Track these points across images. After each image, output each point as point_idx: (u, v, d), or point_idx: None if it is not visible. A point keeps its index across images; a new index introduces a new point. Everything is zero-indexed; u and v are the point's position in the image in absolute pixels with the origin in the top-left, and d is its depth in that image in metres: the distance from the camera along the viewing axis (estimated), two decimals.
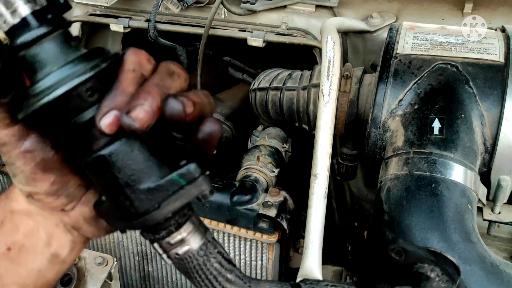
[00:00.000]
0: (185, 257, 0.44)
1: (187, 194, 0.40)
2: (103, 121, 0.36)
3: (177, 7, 1.33)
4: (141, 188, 0.39)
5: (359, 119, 1.06)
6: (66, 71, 0.37)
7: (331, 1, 1.25)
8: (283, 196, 1.00)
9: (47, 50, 0.38)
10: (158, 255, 0.45)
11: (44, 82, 0.37)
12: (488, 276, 0.70)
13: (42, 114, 0.37)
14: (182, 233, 0.43)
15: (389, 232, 0.77)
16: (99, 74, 0.37)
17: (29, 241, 0.47)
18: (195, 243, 0.44)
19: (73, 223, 0.48)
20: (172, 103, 0.37)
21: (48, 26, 0.38)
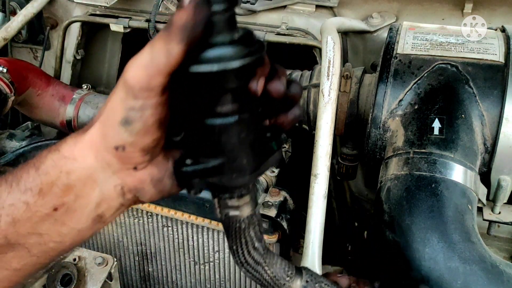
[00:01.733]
0: (232, 219, 0.53)
1: (274, 158, 0.51)
2: (259, 84, 0.45)
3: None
4: (255, 149, 0.48)
5: (359, 119, 1.06)
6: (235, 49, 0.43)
7: (331, 1, 1.25)
8: (283, 196, 1.00)
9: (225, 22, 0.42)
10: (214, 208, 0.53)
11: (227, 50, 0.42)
12: (488, 276, 0.70)
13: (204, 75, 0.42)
14: (239, 201, 0.52)
15: (389, 232, 0.77)
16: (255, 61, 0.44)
17: (79, 202, 0.48)
18: (244, 213, 0.52)
19: (138, 183, 0.49)
20: (297, 86, 0.49)
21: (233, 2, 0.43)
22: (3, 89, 1.14)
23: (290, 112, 0.50)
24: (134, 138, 0.45)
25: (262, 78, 0.45)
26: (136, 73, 0.42)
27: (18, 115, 1.49)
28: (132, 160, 0.47)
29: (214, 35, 0.42)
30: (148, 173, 0.49)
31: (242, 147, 0.47)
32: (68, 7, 1.48)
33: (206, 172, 0.48)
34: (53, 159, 0.47)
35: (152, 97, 0.43)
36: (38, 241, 0.47)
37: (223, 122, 0.45)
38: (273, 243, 0.97)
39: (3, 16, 1.46)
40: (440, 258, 0.71)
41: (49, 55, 1.53)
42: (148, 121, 0.44)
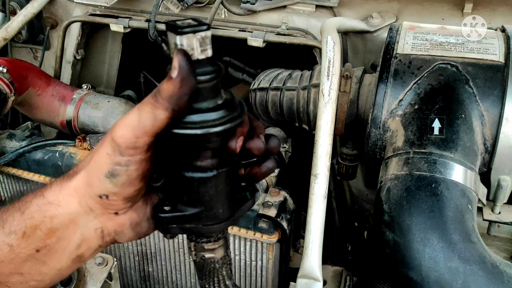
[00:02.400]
0: (207, 261, 0.56)
1: (248, 206, 0.54)
2: (238, 143, 0.47)
3: (177, 7, 1.33)
4: (230, 200, 0.51)
5: (359, 119, 1.06)
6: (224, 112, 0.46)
7: (331, 1, 1.25)
8: (283, 196, 1.00)
9: (215, 87, 0.46)
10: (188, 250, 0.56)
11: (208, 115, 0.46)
12: (488, 276, 0.70)
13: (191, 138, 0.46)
14: (215, 244, 0.55)
15: (389, 232, 0.77)
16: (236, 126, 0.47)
17: (60, 244, 0.50)
18: (219, 254, 0.56)
19: (117, 227, 0.52)
20: (275, 140, 0.52)
21: (219, 70, 0.47)
22: (3, 89, 1.14)
23: (263, 165, 0.52)
24: (118, 189, 0.48)
25: (241, 137, 0.48)
26: (124, 133, 0.45)
27: (18, 115, 1.49)
28: (114, 207, 0.50)
29: (199, 102, 0.46)
30: (128, 218, 0.52)
31: (219, 198, 0.50)
32: (68, 7, 1.48)
33: (184, 219, 0.51)
34: (38, 204, 0.50)
35: (137, 155, 0.46)
36: (19, 280, 0.50)
37: (202, 176, 0.48)
38: (273, 243, 0.97)
39: (3, 16, 1.46)
40: (440, 258, 0.71)
41: (49, 55, 1.53)
42: (132, 175, 0.47)
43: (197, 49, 0.45)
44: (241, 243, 1.01)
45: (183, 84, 0.43)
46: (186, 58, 0.43)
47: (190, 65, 0.44)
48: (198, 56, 0.45)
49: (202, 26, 0.44)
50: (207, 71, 0.46)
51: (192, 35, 0.44)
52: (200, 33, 0.44)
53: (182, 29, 0.44)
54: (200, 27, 0.44)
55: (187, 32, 0.44)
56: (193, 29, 0.44)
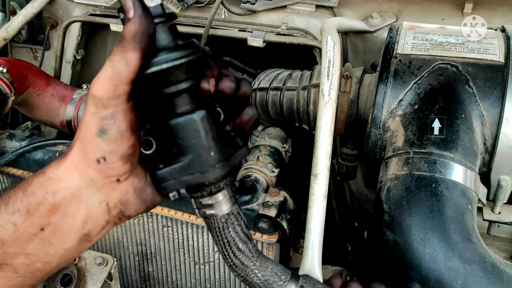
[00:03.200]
0: (210, 219, 0.54)
1: (242, 153, 0.54)
2: (211, 83, 0.50)
3: (177, 7, 1.33)
4: (219, 143, 0.51)
5: (359, 119, 1.06)
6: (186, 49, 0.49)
7: (331, 1, 1.25)
8: (283, 196, 1.00)
9: (172, 29, 0.50)
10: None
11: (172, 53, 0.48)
12: (488, 276, 0.70)
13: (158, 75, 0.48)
14: (212, 200, 0.53)
15: (389, 232, 0.77)
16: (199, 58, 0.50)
17: (65, 221, 0.50)
18: (220, 211, 0.54)
19: (122, 195, 0.52)
20: (246, 83, 0.54)
21: (171, 15, 0.50)
22: (3, 89, 1.14)
23: (244, 113, 0.54)
24: (112, 146, 0.48)
25: (212, 78, 0.50)
26: (102, 86, 0.46)
27: (18, 115, 1.49)
28: (114, 171, 0.50)
29: (161, 42, 0.49)
30: (130, 184, 0.52)
31: (206, 140, 0.50)
32: (68, 7, 1.48)
33: (177, 171, 0.51)
34: (39, 181, 0.50)
35: (120, 104, 0.47)
36: (25, 261, 0.49)
37: (185, 120, 0.50)
38: (273, 243, 0.97)
39: (3, 16, 1.46)
40: (440, 258, 0.71)
41: (49, 55, 1.53)
42: (122, 126, 0.48)
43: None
44: None
45: (142, 20, 0.45)
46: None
47: (142, 2, 0.46)
48: (149, 3, 0.48)
49: None
50: (160, 13, 0.49)
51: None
52: None
53: None
54: None
55: None
56: None
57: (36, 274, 0.51)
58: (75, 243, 0.51)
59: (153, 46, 0.48)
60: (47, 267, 0.51)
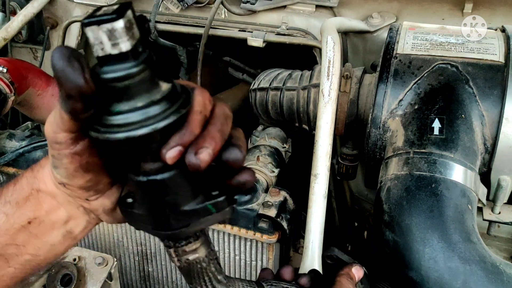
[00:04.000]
0: (193, 263, 0.52)
1: (214, 219, 0.48)
2: (169, 154, 0.41)
3: (177, 7, 1.33)
4: (180, 210, 0.46)
5: (359, 119, 1.06)
6: (151, 111, 0.40)
7: (331, 1, 1.25)
8: (283, 196, 1.00)
9: (134, 86, 0.40)
10: (169, 257, 0.52)
11: (128, 117, 0.40)
12: (488, 276, 0.70)
13: (113, 144, 0.41)
14: (196, 244, 0.51)
15: (389, 232, 0.77)
16: (178, 120, 0.41)
17: (49, 218, 0.53)
18: (203, 253, 0.52)
19: (93, 210, 0.54)
20: (235, 153, 0.45)
21: (142, 63, 0.40)
22: (3, 89, 1.14)
23: (235, 178, 0.47)
24: (66, 180, 0.49)
25: (176, 148, 0.42)
26: (46, 128, 0.46)
27: (18, 115, 1.49)
28: (78, 195, 0.51)
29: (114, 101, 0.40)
30: (99, 205, 0.53)
31: (159, 205, 0.45)
32: (68, 7, 1.48)
33: (136, 217, 0.48)
34: (27, 177, 0.53)
35: (63, 149, 0.46)
36: (15, 252, 0.52)
37: (137, 180, 0.44)
38: (273, 243, 0.97)
39: (3, 16, 1.46)
40: (440, 258, 0.71)
41: (49, 55, 1.53)
42: (69, 168, 0.47)
43: (106, 43, 0.38)
44: (241, 243, 1.01)
45: (61, 87, 0.39)
46: (60, 55, 0.38)
47: (68, 63, 0.38)
48: (110, 50, 0.39)
49: (109, 16, 0.38)
50: (121, 67, 0.39)
51: (97, 27, 0.38)
52: (105, 25, 0.38)
53: (87, 19, 0.38)
54: (105, 17, 0.38)
55: (89, 23, 0.38)
56: (97, 19, 0.38)
57: (26, 266, 0.53)
58: (60, 239, 0.54)
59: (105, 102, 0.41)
60: (36, 260, 0.54)
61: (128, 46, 0.39)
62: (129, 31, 0.39)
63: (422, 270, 0.72)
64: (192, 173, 0.43)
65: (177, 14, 1.34)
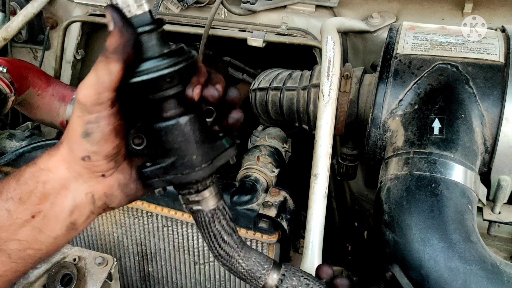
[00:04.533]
0: (197, 214, 0.58)
1: (228, 154, 0.56)
2: (195, 91, 0.52)
3: (177, 7, 1.33)
4: (204, 146, 0.53)
5: (359, 119, 1.06)
6: (171, 58, 0.50)
7: (331, 1, 1.25)
8: (283, 196, 1.00)
9: (158, 37, 0.50)
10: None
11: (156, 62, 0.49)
12: (488, 276, 0.70)
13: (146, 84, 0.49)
14: (198, 196, 0.57)
15: (389, 232, 0.77)
16: (185, 67, 0.51)
17: (53, 210, 0.53)
18: (206, 207, 0.57)
19: (107, 189, 0.55)
20: (234, 90, 0.56)
21: (159, 21, 0.51)
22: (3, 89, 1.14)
23: (230, 117, 0.56)
24: (96, 147, 0.51)
25: (197, 85, 0.52)
26: (87, 93, 0.48)
27: (18, 115, 1.48)
28: (99, 168, 0.53)
29: (145, 51, 0.50)
30: (115, 179, 0.55)
31: (189, 145, 0.53)
32: (68, 7, 1.48)
33: (163, 170, 0.54)
34: (31, 171, 0.54)
35: (103, 110, 0.49)
36: (17, 247, 0.53)
37: (168, 125, 0.52)
38: (273, 243, 0.97)
39: (3, 16, 1.46)
40: (440, 258, 0.71)
41: (49, 55, 1.53)
42: (105, 131, 0.50)
43: (132, 5, 0.49)
44: None
45: (123, 33, 0.47)
46: (115, 10, 0.47)
47: (122, 15, 0.47)
48: (136, 11, 0.49)
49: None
50: (147, 22, 0.49)
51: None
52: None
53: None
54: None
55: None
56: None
57: (28, 260, 0.54)
58: (63, 231, 0.55)
59: (138, 55, 0.49)
60: (38, 254, 0.54)
61: (149, 6, 0.49)
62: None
63: (422, 270, 0.72)
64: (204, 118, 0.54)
65: (177, 14, 1.34)
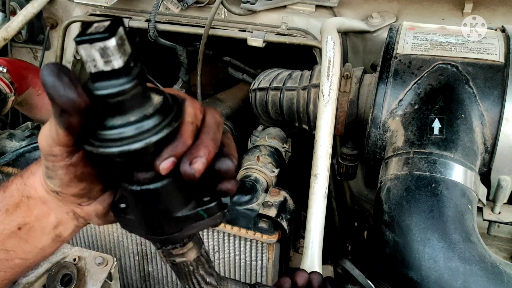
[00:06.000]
0: (180, 265, 0.54)
1: (205, 224, 0.49)
2: (162, 165, 0.43)
3: (177, 7, 1.33)
4: (172, 216, 0.47)
5: (359, 119, 1.06)
6: (144, 125, 0.41)
7: (331, 1, 1.25)
8: (283, 196, 1.00)
9: (127, 101, 0.41)
10: (159, 256, 0.54)
11: (122, 131, 0.41)
12: (488, 276, 0.70)
13: (107, 157, 0.42)
14: (184, 249, 0.53)
15: (389, 232, 0.77)
16: (159, 140, 0.42)
17: (39, 223, 0.53)
18: (190, 257, 0.54)
19: (85, 215, 0.54)
20: (227, 163, 0.46)
21: (134, 79, 0.41)
22: (3, 89, 1.14)
23: (219, 186, 0.48)
24: (60, 189, 0.50)
25: (168, 159, 0.43)
26: (40, 140, 0.46)
27: (18, 115, 1.49)
28: (71, 201, 0.52)
29: (111, 115, 0.41)
30: (92, 210, 0.53)
31: (152, 213, 0.47)
32: (68, 7, 1.48)
33: (129, 222, 0.50)
34: (17, 184, 0.53)
35: (59, 161, 0.46)
36: (5, 257, 0.53)
37: (132, 189, 0.45)
38: (273, 243, 0.97)
39: (3, 16, 1.46)
40: (440, 258, 0.71)
41: (49, 55, 1.53)
42: (64, 179, 0.48)
43: (98, 60, 0.39)
44: (241, 243, 1.01)
45: (54, 103, 0.40)
46: (50, 72, 0.38)
47: (58, 79, 0.38)
48: (103, 67, 0.39)
49: (101, 35, 0.38)
50: (114, 84, 0.40)
51: (89, 46, 0.38)
52: (98, 43, 0.38)
53: (79, 37, 0.39)
54: (98, 36, 0.38)
55: (82, 41, 0.39)
56: (89, 38, 0.38)
57: (16, 269, 0.55)
58: (49, 242, 0.55)
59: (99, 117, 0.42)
60: (25, 263, 0.55)
61: (120, 63, 0.39)
62: (120, 48, 0.39)
63: (422, 270, 0.72)
64: (185, 181, 0.44)
65: (177, 14, 1.34)
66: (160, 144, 0.42)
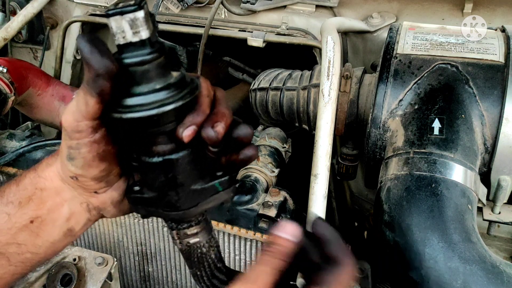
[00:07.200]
0: (193, 246, 0.55)
1: (219, 198, 0.51)
2: (185, 132, 0.46)
3: (177, 7, 1.33)
4: (190, 189, 0.49)
5: (359, 119, 1.06)
6: (170, 92, 0.45)
7: (331, 1, 1.25)
8: (283, 196, 1.00)
9: (152, 70, 0.45)
10: (172, 240, 0.54)
11: (145, 98, 0.44)
12: (488, 276, 0.70)
13: (130, 122, 0.45)
14: (198, 228, 0.54)
15: (389, 232, 0.77)
16: (180, 106, 0.45)
17: (51, 216, 0.54)
18: (204, 238, 0.55)
19: (100, 204, 0.55)
20: (245, 128, 0.50)
21: (157, 51, 0.45)
22: (3, 89, 1.14)
23: (242, 153, 0.51)
24: (80, 171, 0.51)
25: (190, 127, 0.46)
26: (66, 118, 0.48)
27: (18, 115, 1.49)
28: (89, 187, 0.53)
29: (136, 84, 0.45)
30: (108, 197, 0.55)
31: (171, 185, 0.48)
32: (68, 7, 1.48)
33: (145, 201, 0.51)
34: (30, 177, 0.54)
35: (84, 137, 0.48)
36: (16, 250, 0.54)
37: (152, 161, 0.48)
38: None
39: (3, 16, 1.46)
40: (440, 258, 0.71)
41: (49, 55, 1.53)
42: (87, 157, 0.49)
43: (128, 31, 0.43)
44: (241, 243, 1.01)
45: (90, 68, 0.43)
46: (86, 41, 0.42)
47: (94, 47, 0.42)
48: (131, 38, 0.43)
49: (131, 7, 0.42)
50: (141, 53, 0.44)
51: (120, 17, 0.42)
52: (128, 14, 0.42)
53: (110, 10, 0.42)
54: (128, 8, 0.42)
55: (114, 14, 0.42)
56: (121, 10, 0.42)
57: (26, 263, 0.55)
58: (61, 237, 0.55)
59: (126, 87, 0.45)
60: (36, 257, 0.55)
61: (147, 34, 0.43)
62: (147, 21, 0.43)
63: (422, 270, 0.72)
64: (202, 153, 0.48)
65: (177, 14, 1.34)
66: (181, 111, 0.45)
